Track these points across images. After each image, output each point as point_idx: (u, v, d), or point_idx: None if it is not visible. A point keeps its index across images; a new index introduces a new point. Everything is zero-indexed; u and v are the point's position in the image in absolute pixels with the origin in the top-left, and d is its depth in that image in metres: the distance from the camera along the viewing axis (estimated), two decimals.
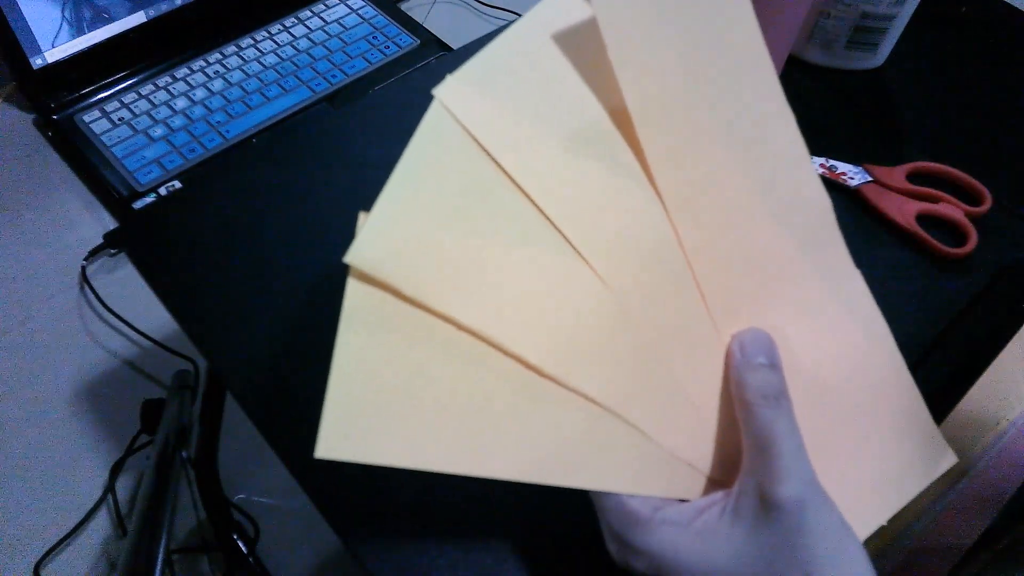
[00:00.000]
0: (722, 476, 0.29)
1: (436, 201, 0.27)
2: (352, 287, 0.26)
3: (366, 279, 0.26)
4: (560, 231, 0.28)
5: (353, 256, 0.25)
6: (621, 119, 0.29)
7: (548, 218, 0.28)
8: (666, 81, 0.28)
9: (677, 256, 0.29)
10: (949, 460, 0.33)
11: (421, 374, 0.26)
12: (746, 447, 0.27)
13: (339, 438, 0.24)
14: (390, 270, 0.26)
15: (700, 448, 0.29)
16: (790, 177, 0.30)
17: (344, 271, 0.26)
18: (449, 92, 0.28)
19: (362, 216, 0.26)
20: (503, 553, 0.34)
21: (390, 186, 0.27)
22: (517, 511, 0.35)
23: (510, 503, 0.35)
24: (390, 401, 0.25)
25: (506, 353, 0.26)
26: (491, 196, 0.28)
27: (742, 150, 0.29)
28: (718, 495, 0.27)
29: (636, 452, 0.28)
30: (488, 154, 0.28)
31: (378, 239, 0.26)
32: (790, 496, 0.25)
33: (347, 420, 0.25)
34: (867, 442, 0.31)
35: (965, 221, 0.46)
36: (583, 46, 0.29)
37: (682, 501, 0.28)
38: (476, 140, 0.28)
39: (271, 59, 0.84)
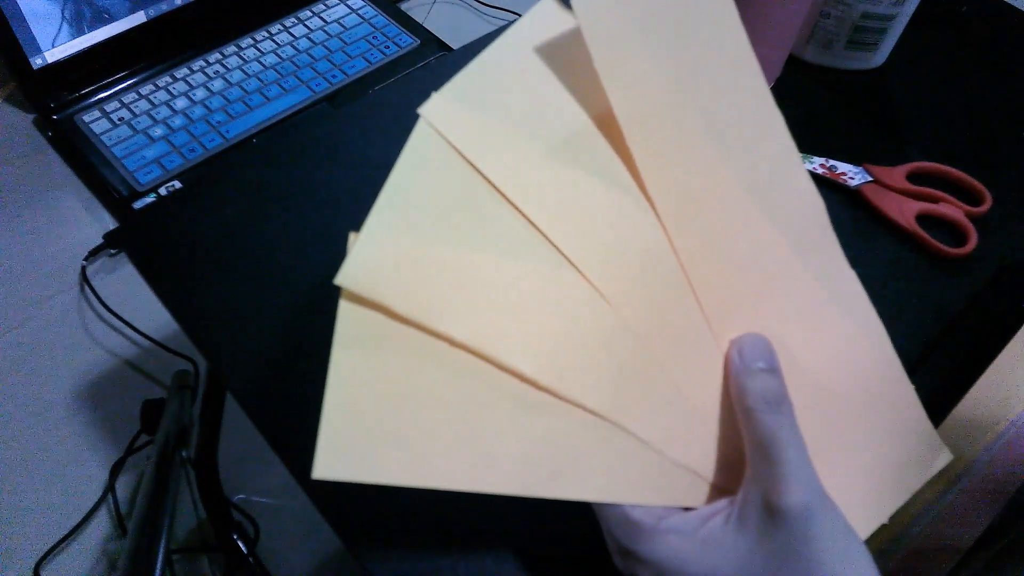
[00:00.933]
0: (726, 482, 0.29)
1: (425, 218, 0.27)
2: (344, 307, 0.26)
3: (357, 299, 0.26)
4: (552, 242, 0.28)
5: (343, 277, 0.25)
6: (610, 128, 0.29)
7: (539, 230, 0.28)
8: (653, 87, 0.28)
9: (671, 262, 0.29)
10: (944, 458, 0.33)
11: (416, 392, 0.26)
12: (749, 454, 0.27)
13: (336, 458, 0.24)
14: (381, 290, 0.26)
15: (702, 455, 0.28)
16: (782, 179, 0.30)
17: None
18: (434, 110, 0.28)
19: (352, 236, 0.26)
20: (503, 553, 0.34)
21: (378, 206, 0.27)
22: (517, 511, 0.35)
23: (510, 503, 0.35)
24: (386, 420, 0.25)
25: (501, 367, 0.26)
26: (481, 211, 0.27)
27: (732, 154, 0.29)
28: (722, 503, 0.27)
29: (637, 461, 0.27)
30: (476, 169, 0.28)
31: (368, 259, 0.26)
32: (796, 504, 0.24)
33: (343, 440, 0.25)
34: (864, 442, 0.31)
35: (965, 221, 0.46)
36: (569, 57, 0.29)
37: (686, 509, 0.28)
38: (463, 156, 0.28)
39: (271, 59, 0.84)
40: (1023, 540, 0.36)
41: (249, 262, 0.42)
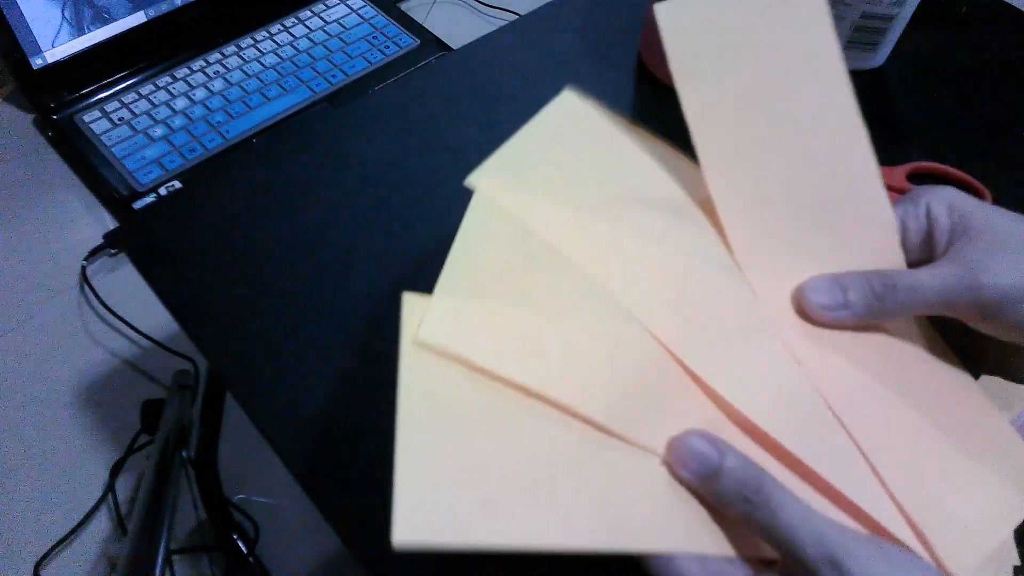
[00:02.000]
0: None
1: (491, 277, 0.29)
2: (407, 364, 0.26)
3: (420, 355, 0.26)
4: (615, 298, 0.29)
5: (428, 334, 0.26)
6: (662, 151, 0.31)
7: (603, 287, 0.29)
8: (727, 92, 0.29)
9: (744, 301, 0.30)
10: None
11: (490, 446, 0.25)
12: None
13: (415, 522, 0.23)
14: (463, 343, 0.26)
15: None
16: (855, 199, 0.30)
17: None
18: (483, 180, 0.30)
19: (407, 295, 0.27)
20: (503, 553, 0.34)
21: (448, 267, 0.28)
22: None
23: None
24: (462, 480, 0.24)
25: (574, 415, 0.26)
26: (543, 270, 0.29)
27: (806, 164, 0.30)
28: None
29: (696, 511, 0.27)
30: (533, 231, 0.30)
31: (447, 315, 0.27)
32: (817, 560, 0.24)
33: (420, 504, 0.24)
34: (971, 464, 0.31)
35: None
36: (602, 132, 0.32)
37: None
38: (518, 219, 0.30)
39: (271, 59, 0.84)
40: (1023, 541, 0.36)
41: (249, 262, 0.42)
